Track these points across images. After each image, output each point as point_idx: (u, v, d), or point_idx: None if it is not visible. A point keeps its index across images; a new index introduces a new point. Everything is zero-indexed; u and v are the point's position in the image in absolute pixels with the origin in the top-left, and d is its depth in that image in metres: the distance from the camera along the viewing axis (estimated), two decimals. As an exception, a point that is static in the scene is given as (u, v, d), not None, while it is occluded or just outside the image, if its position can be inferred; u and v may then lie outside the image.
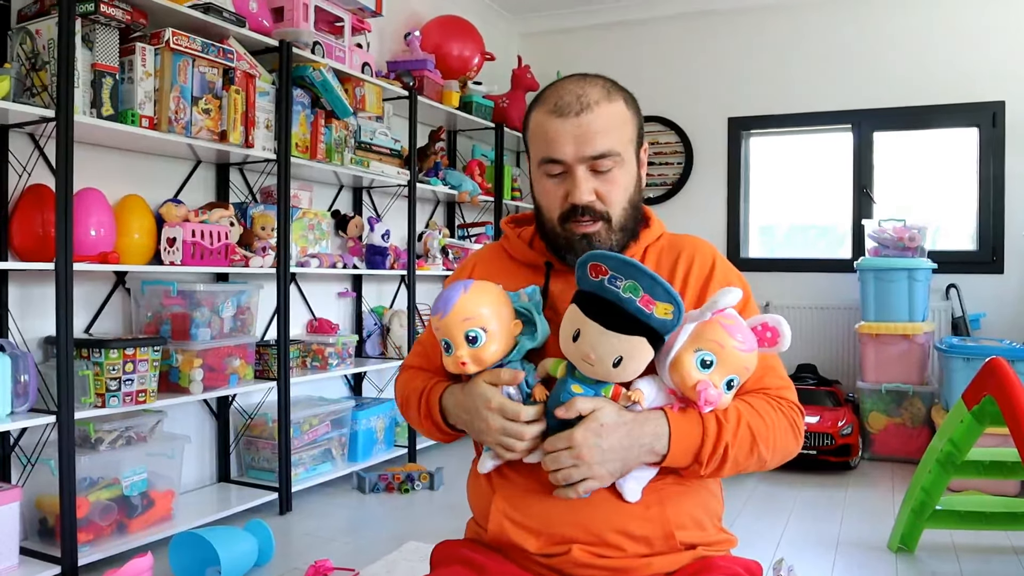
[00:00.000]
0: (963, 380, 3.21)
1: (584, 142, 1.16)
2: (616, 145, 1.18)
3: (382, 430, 3.61)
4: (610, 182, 1.19)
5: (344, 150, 3.30)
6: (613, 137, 1.17)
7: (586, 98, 1.17)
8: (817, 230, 4.80)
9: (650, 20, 4.98)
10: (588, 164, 1.17)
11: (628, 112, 1.21)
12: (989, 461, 2.52)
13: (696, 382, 1.06)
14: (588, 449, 1.07)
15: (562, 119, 1.17)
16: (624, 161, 1.19)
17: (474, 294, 1.14)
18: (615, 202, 1.20)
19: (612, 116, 1.18)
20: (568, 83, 1.21)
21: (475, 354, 1.13)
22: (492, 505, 1.17)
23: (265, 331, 3.26)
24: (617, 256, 1.07)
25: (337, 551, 2.59)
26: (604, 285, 1.07)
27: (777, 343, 1.10)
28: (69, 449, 2.20)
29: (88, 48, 2.30)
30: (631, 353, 1.06)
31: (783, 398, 1.21)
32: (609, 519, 1.12)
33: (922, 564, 2.57)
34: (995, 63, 4.20)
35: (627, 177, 1.21)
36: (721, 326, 1.07)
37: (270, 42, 2.89)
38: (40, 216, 2.30)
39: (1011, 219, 4.19)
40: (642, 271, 1.05)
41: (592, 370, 1.08)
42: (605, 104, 1.18)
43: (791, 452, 1.21)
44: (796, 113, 4.64)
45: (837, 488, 3.41)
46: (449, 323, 1.13)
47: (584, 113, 1.16)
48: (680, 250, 1.27)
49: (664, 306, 1.05)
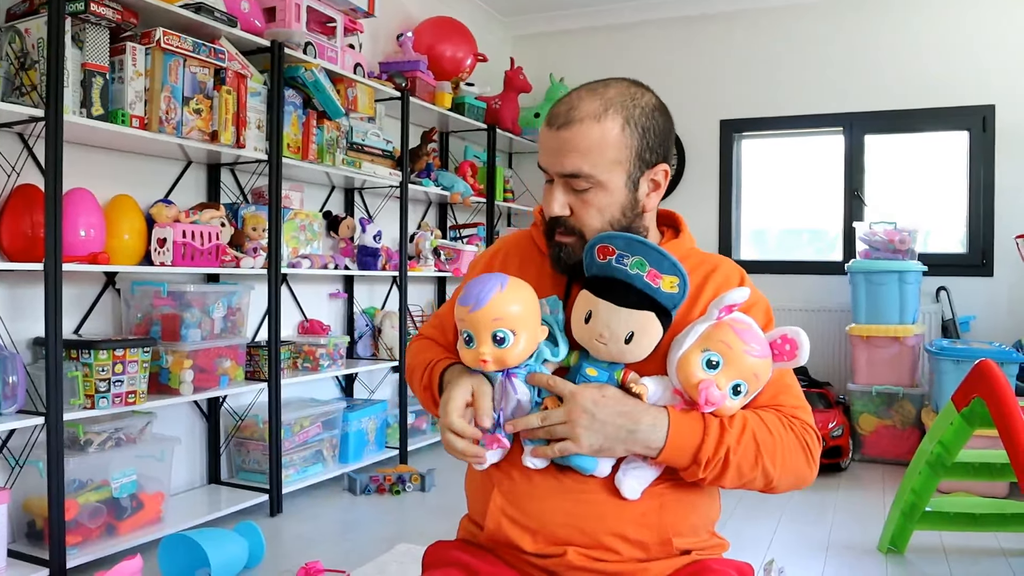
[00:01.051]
0: (953, 382, 3.22)
1: (558, 157, 1.15)
2: (588, 168, 1.13)
3: (373, 431, 3.60)
4: (584, 202, 1.16)
5: (336, 151, 3.29)
6: (588, 159, 1.13)
7: (574, 112, 1.14)
8: (808, 233, 4.82)
9: (642, 23, 4.99)
10: (563, 179, 1.17)
11: (620, 135, 1.14)
12: (978, 463, 2.53)
13: (699, 380, 1.07)
14: (580, 412, 1.08)
15: (548, 129, 1.17)
16: (603, 184, 1.15)
17: (510, 292, 1.10)
18: (586, 223, 1.17)
19: (592, 137, 1.13)
20: (577, 90, 1.18)
21: (500, 355, 1.09)
22: (491, 502, 1.17)
23: (256, 332, 3.25)
24: (623, 235, 1.10)
25: (328, 553, 2.58)
26: (612, 264, 1.09)
27: (796, 356, 1.10)
28: (58, 451, 2.19)
29: (78, 47, 2.29)
30: (642, 328, 1.08)
31: (796, 417, 1.17)
32: (607, 522, 1.11)
33: (912, 566, 2.58)
34: (985, 68, 4.23)
35: (606, 200, 1.16)
36: (732, 329, 1.08)
37: (262, 42, 2.88)
38: (29, 216, 2.28)
39: (1000, 222, 4.21)
40: (648, 246, 1.08)
41: (606, 350, 1.10)
42: (590, 123, 1.13)
43: (803, 475, 1.16)
44: (788, 116, 4.66)
45: (827, 490, 3.42)
46: (479, 319, 1.08)
47: (564, 129, 1.14)
48: (709, 271, 1.23)
49: (670, 279, 1.08)
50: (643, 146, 1.17)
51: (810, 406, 1.22)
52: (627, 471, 1.12)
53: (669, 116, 1.22)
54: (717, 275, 1.23)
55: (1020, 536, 2.78)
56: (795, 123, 4.66)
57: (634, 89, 1.19)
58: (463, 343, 1.12)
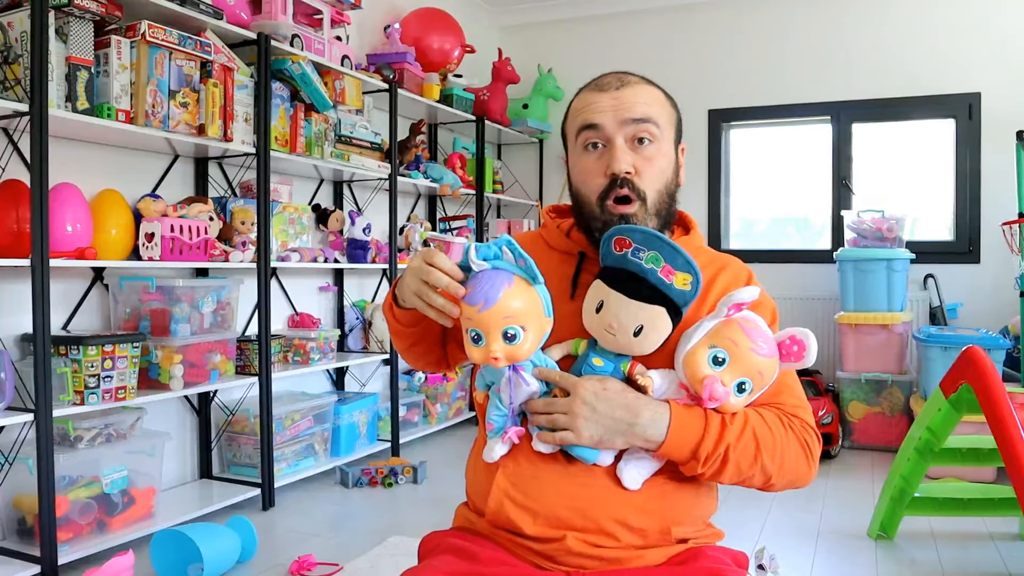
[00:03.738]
0: (940, 369, 3.25)
1: (624, 109, 1.19)
2: (655, 115, 1.20)
3: (365, 424, 3.60)
4: (647, 158, 1.19)
5: (324, 143, 3.28)
6: (653, 108, 1.20)
7: (627, 78, 1.22)
8: (796, 222, 4.84)
9: (629, 13, 4.98)
10: (627, 134, 1.19)
11: (667, 101, 1.25)
12: (967, 448, 2.55)
13: (705, 376, 1.08)
14: (580, 404, 1.09)
15: (602, 92, 1.21)
16: (662, 139, 1.21)
17: (517, 288, 1.09)
18: (650, 181, 1.19)
19: (652, 94, 1.22)
20: (609, 72, 1.26)
21: (511, 352, 1.09)
22: (494, 484, 1.17)
23: (246, 326, 3.23)
24: (642, 228, 1.11)
25: (320, 546, 2.58)
26: (627, 257, 1.10)
27: (803, 357, 1.10)
28: (47, 447, 2.18)
29: (62, 41, 2.27)
30: (652, 323, 1.09)
31: (796, 416, 1.18)
32: (609, 508, 1.12)
33: (901, 551, 2.60)
34: (971, 56, 4.25)
35: (663, 159, 1.21)
36: (739, 326, 1.09)
37: (248, 35, 2.86)
38: (15, 212, 2.26)
39: (987, 210, 4.24)
40: (664, 242, 1.09)
41: (614, 340, 1.10)
42: (645, 85, 1.23)
43: (802, 475, 1.18)
44: (776, 105, 4.67)
45: (818, 477, 3.39)
46: (490, 317, 1.07)
47: (623, 88, 1.20)
48: (718, 270, 1.26)
49: (683, 276, 1.08)
50: (679, 118, 1.28)
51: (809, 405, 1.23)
52: (629, 461, 1.13)
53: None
54: (726, 274, 1.25)
55: (1008, 520, 2.81)
56: (783, 112, 4.68)
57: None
58: (470, 341, 1.11)
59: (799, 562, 2.50)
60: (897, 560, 2.53)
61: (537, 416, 1.13)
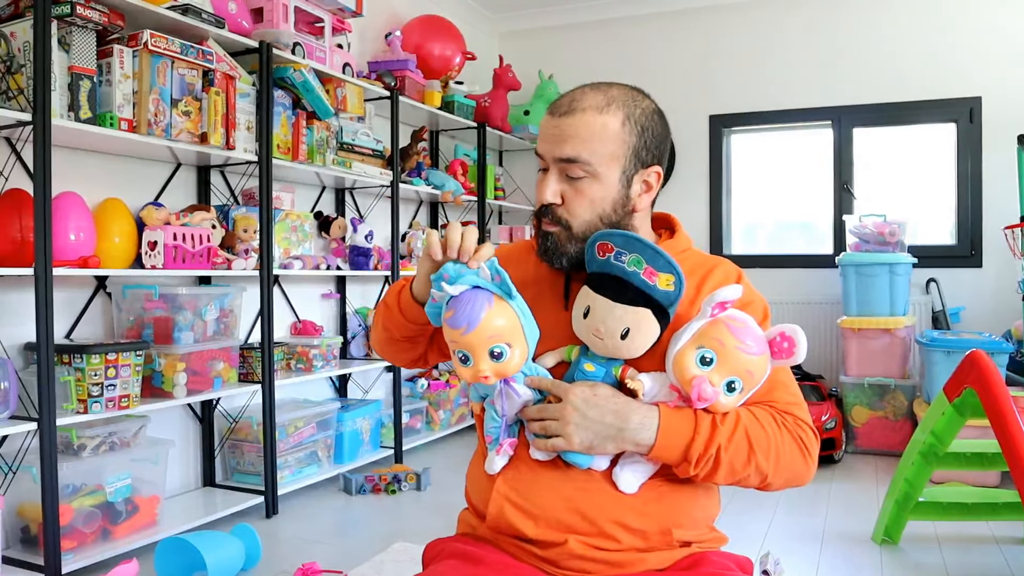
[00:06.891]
0: (944, 373, 3.25)
1: (557, 142, 1.17)
2: (587, 155, 1.15)
3: (368, 431, 3.60)
4: (577, 191, 1.18)
5: (326, 151, 3.29)
6: (587, 147, 1.15)
7: (577, 103, 1.17)
8: (798, 227, 4.84)
9: (630, 18, 4.99)
10: (560, 166, 1.18)
11: (620, 129, 1.17)
12: (971, 452, 2.55)
13: (693, 377, 1.08)
14: (571, 410, 1.10)
15: (550, 117, 1.19)
16: (598, 175, 1.16)
17: (498, 307, 1.10)
18: (576, 213, 1.18)
19: (593, 127, 1.15)
20: (581, 87, 1.21)
21: (499, 369, 1.11)
22: (494, 489, 1.17)
23: (249, 334, 3.24)
24: (622, 232, 1.12)
25: (324, 553, 2.58)
26: (610, 261, 1.11)
27: (794, 354, 1.10)
28: (51, 456, 2.18)
29: (65, 50, 2.28)
30: (638, 325, 1.10)
31: (790, 413, 1.18)
32: (609, 510, 1.13)
33: (906, 555, 2.59)
34: (972, 59, 4.25)
35: (599, 192, 1.17)
36: (726, 326, 1.09)
37: (250, 43, 2.87)
38: (18, 221, 2.26)
39: (989, 213, 4.24)
40: (645, 244, 1.10)
41: (602, 345, 1.11)
42: (593, 113, 1.16)
43: (800, 473, 1.17)
44: (777, 110, 4.67)
45: (821, 482, 3.44)
46: (474, 340, 1.09)
47: (567, 116, 1.17)
48: (707, 272, 1.24)
49: (666, 277, 1.09)
50: (640, 145, 1.19)
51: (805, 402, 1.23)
52: (624, 465, 1.14)
53: (667, 123, 1.25)
54: (715, 275, 1.24)
55: (1012, 524, 2.80)
56: (784, 117, 4.68)
57: (635, 93, 1.22)
58: (458, 361, 1.13)
59: (804, 567, 2.49)
60: (902, 564, 2.52)
61: (531, 423, 1.14)
